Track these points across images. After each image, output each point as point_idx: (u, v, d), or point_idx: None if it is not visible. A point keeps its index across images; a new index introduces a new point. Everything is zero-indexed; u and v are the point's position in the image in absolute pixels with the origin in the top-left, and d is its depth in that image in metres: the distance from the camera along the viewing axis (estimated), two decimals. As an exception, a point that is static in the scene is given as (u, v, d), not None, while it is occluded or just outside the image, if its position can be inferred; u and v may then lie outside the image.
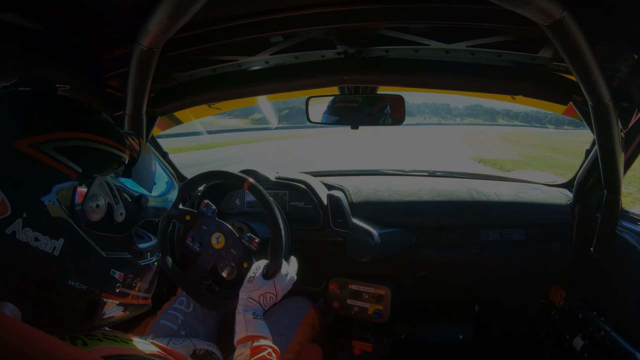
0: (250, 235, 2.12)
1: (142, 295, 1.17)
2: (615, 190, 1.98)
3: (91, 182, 0.96)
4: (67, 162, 0.93)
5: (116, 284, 1.05)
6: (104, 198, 0.99)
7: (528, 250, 2.46)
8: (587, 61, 1.44)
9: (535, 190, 2.65)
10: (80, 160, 0.95)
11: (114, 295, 1.05)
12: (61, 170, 0.92)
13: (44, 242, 0.89)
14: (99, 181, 0.98)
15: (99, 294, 1.01)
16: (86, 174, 0.96)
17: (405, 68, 2.06)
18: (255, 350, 1.53)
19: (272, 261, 1.91)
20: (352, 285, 2.44)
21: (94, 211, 0.97)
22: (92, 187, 0.96)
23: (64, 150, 0.93)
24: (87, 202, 0.96)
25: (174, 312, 2.17)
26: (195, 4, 1.24)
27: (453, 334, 3.05)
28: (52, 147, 0.92)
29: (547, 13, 1.24)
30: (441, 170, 3.23)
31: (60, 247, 0.91)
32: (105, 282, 1.03)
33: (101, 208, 0.98)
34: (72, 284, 0.94)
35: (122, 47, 1.77)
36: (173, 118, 2.77)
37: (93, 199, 0.96)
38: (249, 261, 2.06)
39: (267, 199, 2.05)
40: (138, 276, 1.13)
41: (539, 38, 1.73)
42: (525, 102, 2.31)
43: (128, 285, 1.09)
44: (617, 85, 1.70)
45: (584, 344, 2.28)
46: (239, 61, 2.07)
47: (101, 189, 0.98)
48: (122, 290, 1.08)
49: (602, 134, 1.76)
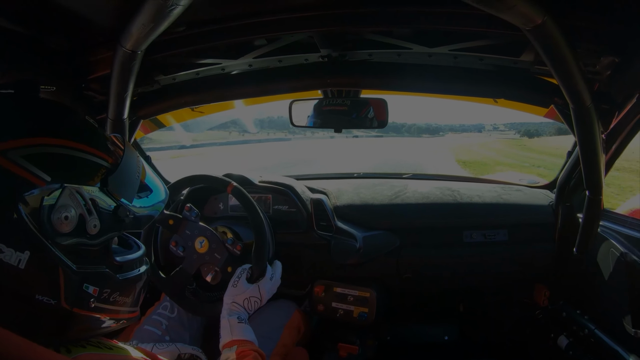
0: (234, 240, 2.12)
1: (125, 309, 1.12)
2: (597, 191, 2.01)
3: (60, 192, 0.92)
4: (34, 170, 0.88)
5: (90, 299, 1.00)
6: (74, 209, 0.94)
7: (511, 250, 2.48)
8: (568, 64, 1.45)
9: (517, 191, 2.68)
10: (50, 169, 0.91)
11: (88, 310, 1.00)
12: (28, 179, 0.88)
13: (9, 255, 0.85)
14: (68, 191, 0.93)
15: (70, 309, 0.96)
16: (55, 183, 0.92)
17: (388, 71, 2.07)
18: (240, 355, 1.52)
19: (256, 265, 1.92)
20: (337, 288, 2.44)
21: (62, 223, 0.92)
22: (60, 198, 0.92)
23: (32, 157, 0.88)
24: (55, 213, 0.91)
25: (157, 318, 2.15)
26: (178, 6, 1.24)
27: (439, 334, 3.07)
28: (20, 154, 0.87)
29: (528, 17, 1.25)
30: (423, 173, 3.25)
31: (26, 260, 0.87)
32: (77, 297, 0.97)
33: (71, 219, 0.94)
34: (40, 298, 0.90)
35: (105, 49, 1.76)
36: (156, 121, 2.76)
37: (61, 209, 0.92)
38: (233, 265, 2.06)
39: (251, 203, 2.06)
40: (117, 291, 1.07)
41: (520, 42, 1.74)
42: (507, 105, 2.33)
43: (105, 300, 1.04)
44: (598, 87, 1.72)
45: (568, 342, 2.30)
46: (223, 64, 2.06)
47: (71, 199, 0.94)
48: (99, 305, 1.02)
49: (583, 136, 1.78)
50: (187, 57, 2.03)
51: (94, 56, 1.81)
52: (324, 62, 2.04)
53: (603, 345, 2.04)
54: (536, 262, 2.50)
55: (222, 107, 2.83)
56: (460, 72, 2.02)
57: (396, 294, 2.65)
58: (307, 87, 2.21)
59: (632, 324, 1.90)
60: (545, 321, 2.60)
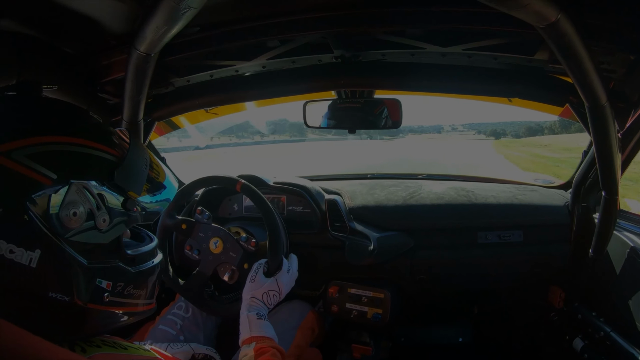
0: (247, 237, 2.14)
1: (141, 302, 1.13)
2: (613, 191, 1.98)
3: (67, 188, 0.93)
4: (40, 169, 0.89)
5: (104, 294, 1.01)
6: (82, 205, 0.95)
7: (526, 252, 2.46)
8: (583, 63, 1.44)
9: (532, 192, 2.66)
10: (55, 166, 0.92)
11: (102, 305, 1.01)
12: (33, 178, 0.88)
13: (19, 255, 0.86)
14: (75, 187, 0.94)
15: (85, 304, 0.97)
16: (61, 180, 0.93)
17: (402, 71, 2.06)
18: (259, 351, 1.52)
19: (272, 258, 1.93)
20: (351, 289, 2.43)
21: (71, 219, 0.93)
22: (68, 194, 0.93)
23: (37, 156, 0.89)
24: (63, 210, 0.92)
25: (172, 318, 2.16)
26: (191, 9, 1.24)
27: (452, 336, 3.05)
28: (24, 154, 0.88)
29: (542, 15, 1.24)
30: (438, 173, 3.24)
31: (37, 258, 0.88)
32: (91, 292, 0.99)
33: (79, 215, 0.95)
34: (53, 295, 0.91)
35: (119, 52, 1.77)
36: (170, 123, 2.77)
37: (70, 206, 0.93)
38: (249, 262, 2.07)
39: (261, 198, 2.07)
40: (131, 284, 1.08)
41: (535, 40, 1.73)
42: (521, 105, 2.32)
43: (119, 293, 1.05)
44: (614, 86, 1.70)
45: (583, 344, 2.28)
46: (236, 66, 2.06)
47: (79, 195, 0.95)
48: (113, 299, 1.04)
49: (599, 135, 1.76)
50: (200, 59, 2.03)
51: (109, 59, 1.82)
52: (338, 62, 2.04)
53: (619, 347, 2.02)
54: (551, 263, 2.48)
55: (236, 108, 2.84)
56: (474, 71, 2.01)
57: (410, 295, 2.64)
58: (320, 88, 2.21)
59: None
60: (560, 323, 2.58)
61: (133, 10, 1.43)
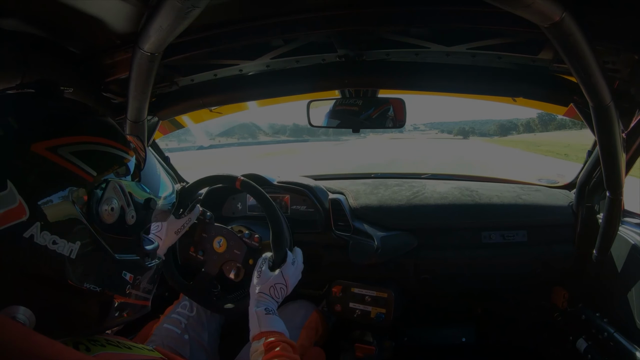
0: (250, 233, 2.14)
1: (145, 296, 1.20)
2: (617, 191, 1.98)
3: (106, 185, 0.98)
4: (83, 166, 0.94)
5: (127, 286, 1.08)
6: (117, 201, 1.01)
7: (530, 252, 2.46)
8: (587, 62, 1.43)
9: (536, 192, 2.65)
10: (95, 164, 0.97)
11: (124, 296, 1.08)
12: (77, 173, 0.93)
13: (62, 246, 0.90)
14: (113, 184, 1.00)
15: (112, 295, 1.03)
16: (101, 177, 0.98)
17: (406, 71, 2.06)
18: (268, 346, 1.53)
19: (276, 252, 1.93)
20: (355, 289, 2.44)
21: (108, 214, 0.99)
22: (106, 191, 0.98)
23: (79, 154, 0.94)
24: (102, 205, 0.97)
25: (177, 317, 2.17)
26: (195, 8, 1.25)
27: (456, 336, 3.05)
28: (69, 151, 0.92)
29: (546, 15, 1.24)
30: (442, 173, 3.23)
31: (77, 250, 0.92)
32: (118, 284, 1.05)
33: (115, 211, 1.01)
34: (88, 286, 0.96)
35: (124, 52, 1.77)
36: (174, 122, 2.78)
37: (108, 202, 0.98)
38: (254, 258, 2.07)
39: (262, 193, 2.07)
40: (145, 278, 1.16)
41: (539, 40, 1.73)
42: (526, 104, 2.31)
43: (137, 287, 1.12)
44: (618, 86, 1.70)
45: (587, 345, 2.28)
46: (240, 65, 2.06)
47: (115, 192, 1.00)
48: (131, 291, 1.10)
49: (603, 135, 1.75)
50: (204, 59, 2.03)
51: (113, 59, 1.82)
52: (342, 62, 2.04)
53: (622, 348, 2.02)
54: (555, 263, 2.48)
55: (240, 107, 2.84)
56: (478, 70, 2.01)
57: (414, 294, 2.64)
58: (324, 87, 2.21)
59: None
60: (564, 324, 2.58)
61: (137, 9, 1.43)
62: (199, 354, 2.08)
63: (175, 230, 2.07)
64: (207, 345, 2.14)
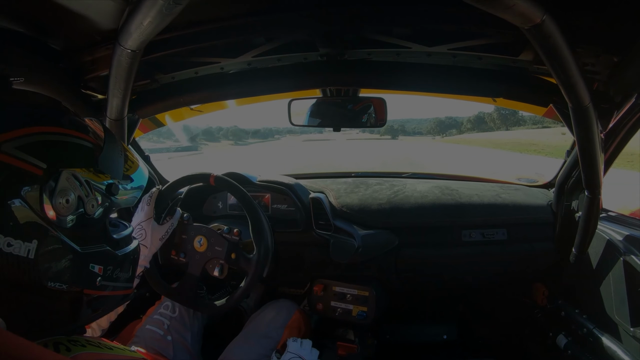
0: (229, 228, 2.16)
1: (123, 285, 1.16)
2: (596, 190, 2.01)
3: (58, 177, 0.94)
4: (30, 160, 0.89)
5: (97, 278, 1.04)
6: (73, 192, 0.96)
7: (510, 250, 2.48)
8: (567, 64, 1.45)
9: (516, 190, 2.68)
10: (45, 156, 0.92)
11: (95, 289, 1.04)
12: (25, 169, 0.89)
13: (17, 247, 0.86)
14: (65, 175, 0.95)
15: (81, 291, 1.00)
16: (51, 169, 0.93)
17: (387, 70, 2.06)
18: None
19: (257, 242, 2.05)
20: (336, 287, 2.44)
21: (64, 207, 0.95)
22: (59, 182, 0.94)
23: (25, 147, 0.89)
24: (56, 199, 0.93)
25: (159, 318, 2.16)
26: (177, 5, 1.23)
27: (438, 333, 3.07)
28: (13, 146, 0.88)
29: (527, 17, 1.25)
30: (422, 172, 3.25)
31: (35, 249, 0.89)
32: (86, 278, 1.01)
33: (71, 202, 0.96)
34: (52, 284, 0.92)
35: (104, 48, 1.75)
36: (155, 120, 2.76)
37: (62, 194, 0.94)
38: (236, 251, 2.10)
39: (237, 187, 2.09)
40: (118, 267, 1.11)
41: (520, 41, 1.74)
42: (506, 105, 2.34)
43: (109, 277, 1.08)
44: (597, 87, 1.71)
45: (567, 341, 2.31)
46: (222, 63, 2.05)
47: (69, 182, 0.96)
48: (104, 283, 1.06)
49: (582, 135, 1.78)
50: (186, 56, 2.02)
51: (93, 55, 1.80)
52: (323, 61, 2.04)
53: (601, 344, 2.05)
54: (535, 261, 2.51)
55: (220, 106, 2.83)
56: (459, 71, 2.02)
57: (395, 293, 2.65)
58: (306, 85, 2.21)
59: (630, 323, 1.91)
60: (544, 320, 2.61)
61: (118, 6, 1.42)
62: (182, 354, 2.08)
63: (160, 237, 2.07)
64: (190, 346, 2.13)
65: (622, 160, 2.61)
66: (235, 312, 2.58)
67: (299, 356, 1.91)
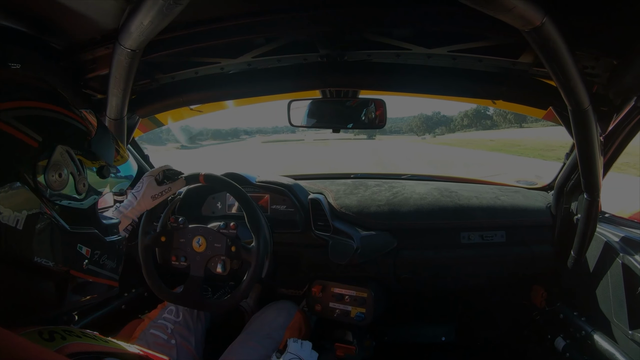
0: (226, 223, 2.15)
1: (109, 274, 1.16)
2: (595, 193, 2.01)
3: (52, 150, 0.93)
4: (27, 131, 0.89)
5: (84, 260, 1.03)
6: (66, 168, 0.96)
7: (509, 252, 2.48)
8: (567, 67, 1.45)
9: (515, 193, 2.68)
10: (41, 129, 0.92)
11: (82, 272, 1.03)
12: (21, 139, 0.88)
13: (6, 215, 0.85)
14: (60, 150, 0.95)
15: (67, 271, 0.99)
16: (47, 143, 0.92)
17: (387, 72, 2.06)
18: None
19: (255, 232, 2.06)
20: (334, 288, 2.44)
21: (57, 181, 0.94)
22: (53, 156, 0.93)
23: (23, 118, 0.89)
24: (49, 172, 0.92)
25: (163, 322, 2.17)
26: (177, 5, 1.23)
27: (436, 335, 3.07)
28: (12, 116, 0.87)
29: (527, 19, 1.25)
30: (421, 174, 3.25)
31: (24, 220, 0.87)
32: (73, 257, 1.00)
33: (64, 178, 0.96)
34: (39, 260, 0.91)
35: (104, 48, 1.75)
36: (154, 120, 2.76)
37: (55, 168, 0.93)
38: (235, 244, 2.10)
39: (226, 181, 2.10)
40: (105, 253, 1.11)
41: (520, 44, 1.74)
42: (505, 107, 2.34)
43: (96, 262, 1.07)
44: (596, 90, 1.72)
45: (565, 343, 2.32)
46: (222, 63, 2.05)
47: (63, 158, 0.95)
48: (90, 267, 1.06)
49: (581, 138, 1.78)
50: (185, 56, 2.02)
51: (93, 54, 1.80)
52: (323, 62, 2.04)
53: (600, 346, 2.05)
54: (534, 263, 2.51)
55: (220, 106, 2.83)
56: (459, 73, 2.02)
57: (394, 294, 2.66)
58: (305, 86, 2.21)
59: (628, 326, 1.91)
60: (542, 323, 2.61)
61: (119, 5, 1.42)
62: (186, 358, 2.09)
63: (153, 195, 2.05)
64: (194, 349, 2.14)
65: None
66: (237, 313, 2.58)
67: (299, 357, 1.91)
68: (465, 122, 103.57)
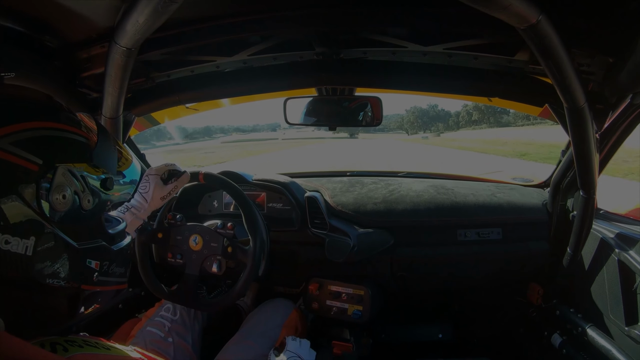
0: (223, 223, 2.15)
1: (117, 280, 1.15)
2: (591, 190, 2.01)
3: (54, 172, 0.92)
4: (26, 155, 0.87)
5: (94, 274, 1.03)
6: (69, 187, 0.95)
7: (505, 249, 2.49)
8: (563, 64, 1.45)
9: (511, 190, 2.69)
10: (40, 151, 0.90)
11: (93, 285, 1.03)
12: (21, 164, 0.87)
13: (15, 244, 0.85)
14: (61, 170, 0.94)
15: (79, 287, 0.99)
16: (47, 164, 0.91)
17: (383, 70, 2.06)
18: None
19: (252, 234, 2.04)
20: (331, 286, 2.45)
21: (61, 203, 0.93)
22: (55, 178, 0.92)
23: (20, 143, 0.87)
24: (53, 195, 0.92)
25: (160, 320, 2.16)
26: (173, 3, 1.23)
27: (433, 333, 3.08)
28: (8, 142, 0.86)
29: (523, 17, 1.25)
30: (418, 171, 3.26)
31: (32, 246, 0.87)
32: (83, 273, 1.00)
33: (68, 198, 0.95)
34: (51, 281, 0.92)
35: (99, 46, 1.74)
36: (150, 119, 2.75)
37: (59, 190, 0.93)
38: (232, 244, 2.09)
39: (226, 181, 2.10)
40: (114, 262, 1.11)
41: (515, 41, 1.74)
42: (501, 104, 2.34)
43: (105, 272, 1.07)
44: (592, 87, 1.72)
45: (562, 340, 2.32)
46: (217, 62, 2.04)
47: (65, 178, 0.94)
48: (101, 278, 1.06)
49: (577, 136, 1.78)
50: (181, 54, 2.01)
51: (88, 53, 1.79)
52: (319, 60, 2.03)
53: (596, 343, 2.06)
54: (530, 260, 2.52)
55: (216, 104, 2.82)
56: (455, 70, 2.02)
57: (390, 292, 2.66)
58: (301, 84, 2.20)
59: (624, 322, 1.91)
60: (539, 319, 2.62)
61: (114, 3, 1.41)
62: (182, 356, 2.09)
63: (162, 196, 2.03)
64: (191, 348, 2.14)
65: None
66: (234, 312, 2.58)
67: (298, 356, 1.91)
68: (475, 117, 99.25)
